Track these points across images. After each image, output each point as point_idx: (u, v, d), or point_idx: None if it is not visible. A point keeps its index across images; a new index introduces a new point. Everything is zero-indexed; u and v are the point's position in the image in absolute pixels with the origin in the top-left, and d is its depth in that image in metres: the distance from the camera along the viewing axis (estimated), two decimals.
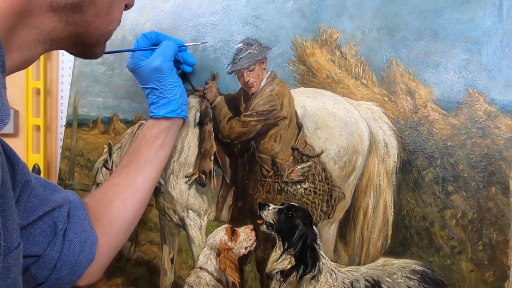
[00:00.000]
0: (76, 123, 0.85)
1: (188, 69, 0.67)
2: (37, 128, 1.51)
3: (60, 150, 1.55)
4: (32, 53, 0.40)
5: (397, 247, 0.48)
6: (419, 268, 0.46)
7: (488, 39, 0.45)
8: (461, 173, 0.45)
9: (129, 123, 0.76)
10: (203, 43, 0.67)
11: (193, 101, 0.68)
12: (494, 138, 0.44)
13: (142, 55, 0.63)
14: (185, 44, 0.66)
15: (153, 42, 0.65)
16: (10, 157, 0.45)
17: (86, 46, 0.46)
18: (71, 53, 0.48)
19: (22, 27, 0.38)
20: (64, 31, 0.42)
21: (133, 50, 0.64)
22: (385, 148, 0.50)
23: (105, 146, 0.78)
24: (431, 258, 0.46)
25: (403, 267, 0.47)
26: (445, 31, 0.48)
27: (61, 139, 1.56)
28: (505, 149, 0.43)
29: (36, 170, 1.51)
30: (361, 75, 0.53)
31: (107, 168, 0.77)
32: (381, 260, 0.49)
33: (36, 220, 0.49)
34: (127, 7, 0.50)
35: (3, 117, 0.32)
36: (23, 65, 0.40)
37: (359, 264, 0.50)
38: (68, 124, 0.87)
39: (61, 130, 1.56)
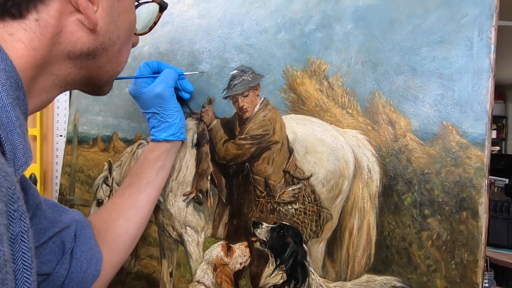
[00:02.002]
0: (76, 140, 0.88)
1: (186, 96, 0.71)
2: (34, 138, 1.54)
3: (56, 160, 1.58)
4: (49, 96, 0.44)
5: (379, 265, 0.53)
6: (399, 285, 0.51)
7: (460, 77, 0.50)
8: (436, 198, 0.50)
9: (128, 142, 0.80)
10: (201, 72, 0.71)
11: (191, 123, 0.72)
12: (465, 167, 0.48)
13: (144, 82, 0.67)
14: (184, 73, 0.70)
15: (154, 70, 0.68)
16: (22, 182, 0.49)
17: (97, 86, 0.51)
18: (81, 90, 0.52)
19: (42, 75, 0.42)
20: (78, 75, 0.46)
21: (136, 77, 0.67)
22: (368, 174, 0.55)
23: (105, 163, 0.82)
24: (409, 275, 0.50)
25: (384, 283, 0.52)
26: (422, 67, 0.52)
27: (57, 148, 1.59)
28: (475, 178, 0.48)
29: (33, 179, 1.53)
30: (347, 104, 0.57)
31: (107, 185, 0.81)
32: (365, 277, 0.53)
33: (46, 241, 0.53)
34: (132, 45, 0.54)
35: (27, 159, 0.36)
36: (41, 107, 0.44)
37: (345, 280, 0.55)
38: (68, 141, 0.90)
39: (57, 140, 1.59)
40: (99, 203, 0.81)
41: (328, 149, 0.58)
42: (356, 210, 0.55)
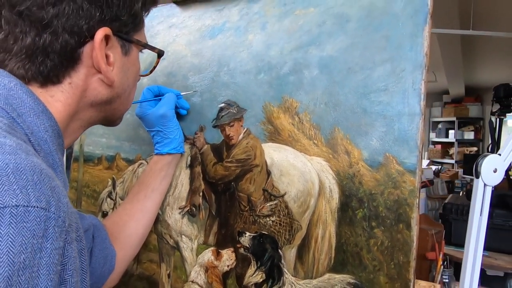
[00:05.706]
0: (82, 159, 1.00)
1: (183, 112, 0.84)
2: None
3: None
4: (76, 136, 0.57)
5: (338, 265, 0.66)
6: (352, 281, 0.65)
7: (399, 118, 0.64)
8: (381, 213, 0.63)
9: (130, 162, 0.92)
10: (194, 91, 0.84)
11: (185, 147, 0.84)
12: (402, 189, 0.62)
13: (148, 104, 0.79)
14: (181, 94, 0.83)
15: (155, 93, 0.81)
16: None
17: (111, 121, 0.63)
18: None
19: (72, 121, 0.54)
20: (97, 117, 0.59)
21: (141, 102, 0.80)
22: (330, 193, 0.68)
23: (109, 180, 0.94)
24: (360, 273, 0.64)
25: (342, 280, 0.65)
26: (371, 109, 0.66)
27: None
28: (409, 198, 0.62)
29: None
30: (313, 136, 0.71)
31: (111, 199, 0.93)
32: (327, 275, 0.67)
33: None
34: None
35: (66, 189, 0.49)
36: (69, 145, 0.57)
37: (311, 278, 0.68)
38: (75, 159, 1.01)
39: None
40: (104, 215, 0.93)
41: (299, 173, 0.71)
42: (320, 222, 0.69)
